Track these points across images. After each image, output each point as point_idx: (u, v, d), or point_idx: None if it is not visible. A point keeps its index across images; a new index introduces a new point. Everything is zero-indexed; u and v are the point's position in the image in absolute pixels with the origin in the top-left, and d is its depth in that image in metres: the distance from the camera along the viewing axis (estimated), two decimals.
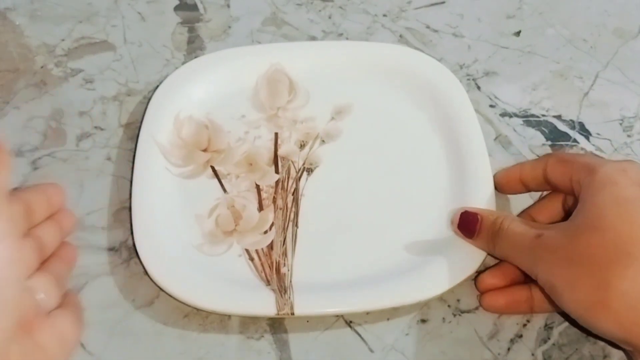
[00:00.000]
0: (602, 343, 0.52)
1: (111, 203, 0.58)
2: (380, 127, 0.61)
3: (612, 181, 0.45)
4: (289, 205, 0.57)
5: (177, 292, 0.51)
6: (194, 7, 0.72)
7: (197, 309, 0.52)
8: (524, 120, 0.64)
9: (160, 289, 0.52)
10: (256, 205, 0.57)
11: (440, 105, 0.61)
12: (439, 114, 0.61)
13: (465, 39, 0.70)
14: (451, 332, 0.53)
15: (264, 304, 0.51)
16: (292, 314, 0.50)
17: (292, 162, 0.59)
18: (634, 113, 0.65)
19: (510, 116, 0.64)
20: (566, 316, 0.52)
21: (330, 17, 0.71)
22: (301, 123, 0.62)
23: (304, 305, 0.51)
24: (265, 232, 0.55)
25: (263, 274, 0.53)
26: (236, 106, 0.62)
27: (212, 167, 0.59)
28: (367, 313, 0.53)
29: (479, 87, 0.66)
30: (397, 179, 0.58)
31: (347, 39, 0.70)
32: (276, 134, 0.61)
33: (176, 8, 0.72)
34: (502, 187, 0.57)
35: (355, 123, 0.62)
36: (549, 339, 0.52)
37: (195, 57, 0.66)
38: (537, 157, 0.60)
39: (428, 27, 0.71)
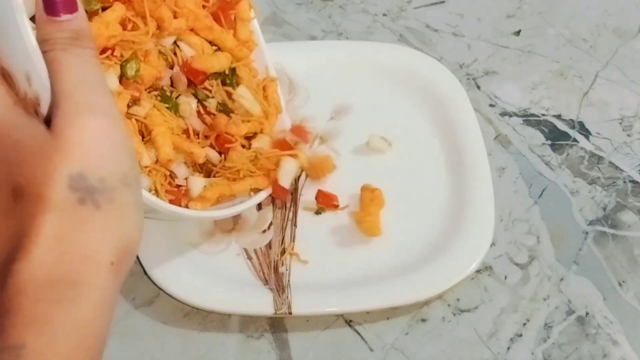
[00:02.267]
0: (601, 342, 0.52)
1: None
2: (379, 127, 0.61)
3: None
4: (288, 204, 0.57)
5: (175, 291, 0.51)
6: None
7: (197, 308, 0.52)
8: (523, 120, 0.64)
9: (160, 288, 0.52)
10: None
11: (440, 105, 0.61)
12: (439, 113, 0.61)
13: (465, 38, 0.70)
14: (451, 332, 0.53)
15: (262, 303, 0.51)
16: (290, 313, 0.50)
17: None
18: (633, 112, 0.65)
19: (510, 115, 0.64)
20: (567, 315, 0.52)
21: (330, 17, 0.71)
22: (301, 122, 0.61)
23: (302, 304, 0.51)
24: (264, 231, 0.55)
25: (261, 273, 0.53)
26: None
27: None
28: (367, 312, 0.53)
29: (478, 87, 0.66)
30: (396, 178, 0.58)
31: (347, 38, 0.70)
32: None
33: None
34: None
35: (354, 123, 0.62)
36: (548, 338, 0.52)
37: None
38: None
39: (428, 26, 0.71)
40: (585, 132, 0.63)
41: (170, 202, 0.46)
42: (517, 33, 0.71)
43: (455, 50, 0.69)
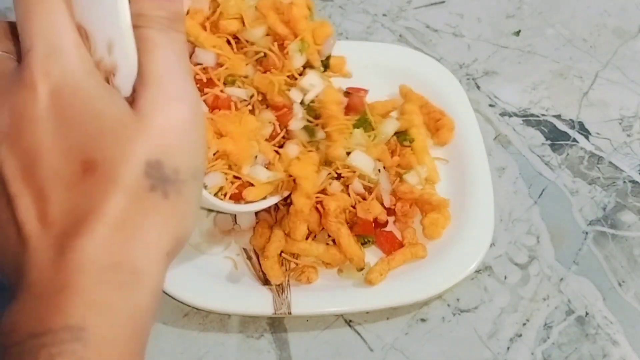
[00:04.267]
0: (601, 342, 0.52)
1: None
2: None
3: None
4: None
5: (175, 291, 0.51)
6: None
7: (197, 308, 0.52)
8: (523, 120, 0.64)
9: None
10: None
11: (440, 105, 0.61)
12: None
13: (465, 38, 0.70)
14: (451, 332, 0.53)
15: (262, 303, 0.51)
16: (290, 313, 0.50)
17: None
18: (633, 112, 0.65)
19: (510, 115, 0.64)
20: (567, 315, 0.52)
21: (330, 17, 0.71)
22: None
23: (301, 304, 0.51)
24: None
25: (261, 273, 0.53)
26: None
27: None
28: (367, 312, 0.53)
29: (478, 87, 0.66)
30: None
31: (347, 38, 0.70)
32: None
33: None
34: None
35: None
36: (548, 338, 0.52)
37: None
38: None
39: (428, 26, 0.71)
40: (585, 132, 0.63)
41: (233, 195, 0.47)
42: (517, 33, 0.71)
43: (455, 50, 0.69)
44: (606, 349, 0.52)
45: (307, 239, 0.52)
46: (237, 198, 0.47)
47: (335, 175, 0.53)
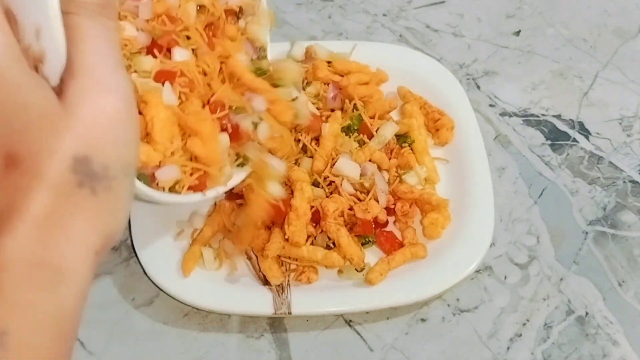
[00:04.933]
0: (601, 342, 0.52)
1: None
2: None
3: None
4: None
5: (175, 291, 0.51)
6: None
7: (197, 308, 0.52)
8: (523, 120, 0.64)
9: (160, 288, 0.52)
10: None
11: (440, 105, 0.61)
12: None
13: (465, 38, 0.70)
14: (451, 332, 0.53)
15: (262, 303, 0.51)
16: (290, 313, 0.50)
17: None
18: (633, 112, 0.65)
19: (510, 115, 0.64)
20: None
21: (330, 17, 0.71)
22: None
23: (301, 304, 0.51)
24: None
25: (261, 274, 0.53)
26: None
27: None
28: (367, 312, 0.53)
29: (478, 87, 0.66)
30: None
31: (347, 38, 0.70)
32: None
33: None
34: None
35: None
36: (548, 338, 0.52)
37: None
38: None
39: (428, 26, 0.71)
40: (585, 132, 0.63)
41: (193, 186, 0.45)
42: (517, 33, 0.71)
43: (455, 50, 0.69)
44: (606, 349, 0.52)
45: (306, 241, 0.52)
46: (198, 189, 0.44)
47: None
